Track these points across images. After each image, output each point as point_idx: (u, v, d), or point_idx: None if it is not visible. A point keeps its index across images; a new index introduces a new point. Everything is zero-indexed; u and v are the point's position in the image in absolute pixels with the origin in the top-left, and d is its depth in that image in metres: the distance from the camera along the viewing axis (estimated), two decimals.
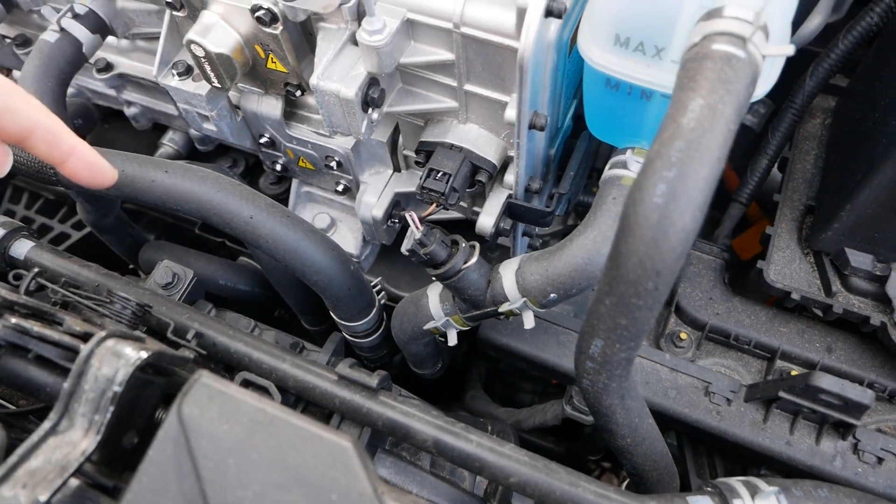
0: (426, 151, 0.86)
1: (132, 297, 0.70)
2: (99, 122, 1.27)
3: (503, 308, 0.80)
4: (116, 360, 0.54)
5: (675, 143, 0.53)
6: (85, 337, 0.58)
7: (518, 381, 1.33)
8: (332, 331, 1.11)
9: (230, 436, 0.52)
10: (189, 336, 0.71)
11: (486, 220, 0.87)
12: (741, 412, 0.86)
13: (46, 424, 0.53)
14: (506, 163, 0.87)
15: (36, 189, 1.41)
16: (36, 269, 0.71)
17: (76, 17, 0.93)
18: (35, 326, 0.57)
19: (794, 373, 0.91)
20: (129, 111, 1.16)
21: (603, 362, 0.65)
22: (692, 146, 0.53)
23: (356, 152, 0.95)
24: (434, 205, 0.84)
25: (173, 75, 0.92)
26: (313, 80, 0.77)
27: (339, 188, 1.02)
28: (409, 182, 0.99)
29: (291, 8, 0.78)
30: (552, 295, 0.77)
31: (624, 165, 0.79)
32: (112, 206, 1.05)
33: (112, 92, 1.12)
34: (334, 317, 0.94)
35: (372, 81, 0.78)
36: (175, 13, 0.84)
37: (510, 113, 0.76)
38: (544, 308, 0.79)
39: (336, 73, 0.77)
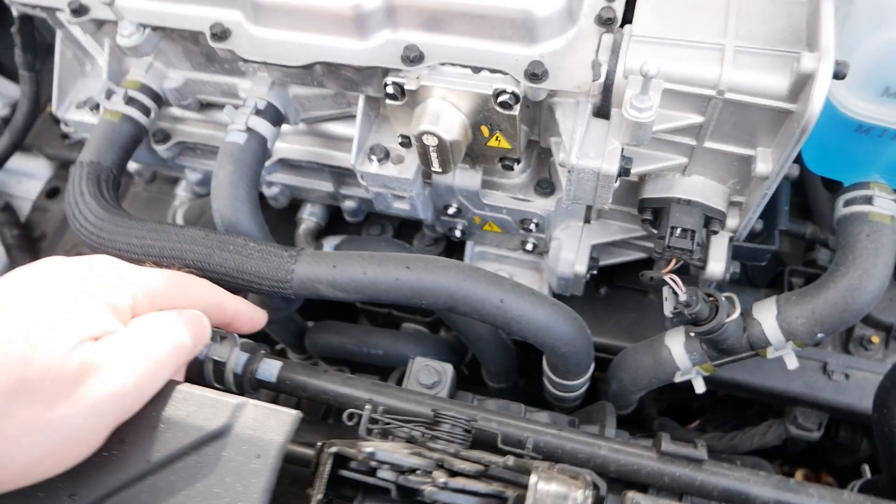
0: (653, 208, 0.87)
1: (457, 413, 0.69)
2: None
3: (769, 354, 0.82)
4: (561, 501, 0.54)
5: None
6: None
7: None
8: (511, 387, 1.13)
9: None
10: (528, 444, 0.71)
11: (717, 266, 0.88)
12: None
13: None
14: None
15: None
16: (368, 406, 0.68)
17: (258, 112, 0.89)
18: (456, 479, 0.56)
19: None
20: (270, 191, 1.12)
21: None
22: None
23: (555, 211, 0.95)
24: (674, 261, 0.85)
25: (371, 161, 0.90)
26: (572, 160, 0.77)
27: (528, 247, 1.02)
28: (601, 233, 1.00)
29: (536, 89, 0.77)
30: (819, 335, 0.80)
31: (867, 201, 0.82)
32: (295, 303, 1.03)
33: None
34: (555, 377, 0.94)
35: (622, 153, 0.79)
36: (392, 103, 0.82)
37: (763, 167, 0.78)
38: (805, 347, 0.82)
39: (591, 150, 0.77)
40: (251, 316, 0.81)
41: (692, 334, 0.85)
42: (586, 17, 0.80)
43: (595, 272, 1.01)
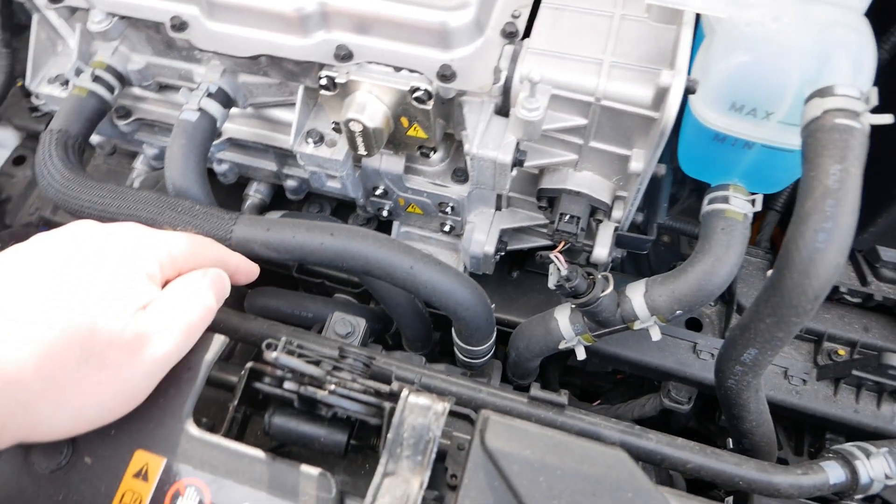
0: (548, 197, 1.01)
1: (358, 350, 0.82)
2: None
3: (636, 326, 0.96)
4: (426, 411, 0.67)
5: (827, 200, 0.71)
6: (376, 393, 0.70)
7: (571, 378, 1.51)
8: (430, 354, 1.25)
9: (534, 458, 0.66)
10: (415, 381, 0.84)
11: (602, 251, 1.02)
12: (815, 389, 1.07)
13: (380, 469, 0.66)
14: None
15: None
16: (285, 337, 0.81)
17: (210, 95, 1.01)
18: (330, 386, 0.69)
19: (841, 352, 1.12)
20: (220, 168, 1.24)
21: (752, 366, 0.83)
22: (840, 202, 0.71)
23: (469, 198, 1.09)
24: (563, 243, 0.99)
25: (308, 143, 1.03)
26: (473, 150, 0.90)
27: (446, 228, 1.15)
28: (509, 219, 1.13)
29: (446, 88, 0.91)
30: (678, 311, 0.94)
31: (725, 200, 0.96)
32: None
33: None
34: (461, 343, 1.08)
35: (517, 146, 0.92)
36: (325, 93, 0.95)
37: (636, 165, 0.92)
38: (668, 322, 0.97)
39: (490, 141, 0.91)
40: (248, 269, 0.89)
41: (573, 307, 0.99)
42: (493, 30, 0.94)
43: (503, 254, 1.14)
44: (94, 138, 1.29)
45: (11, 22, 1.12)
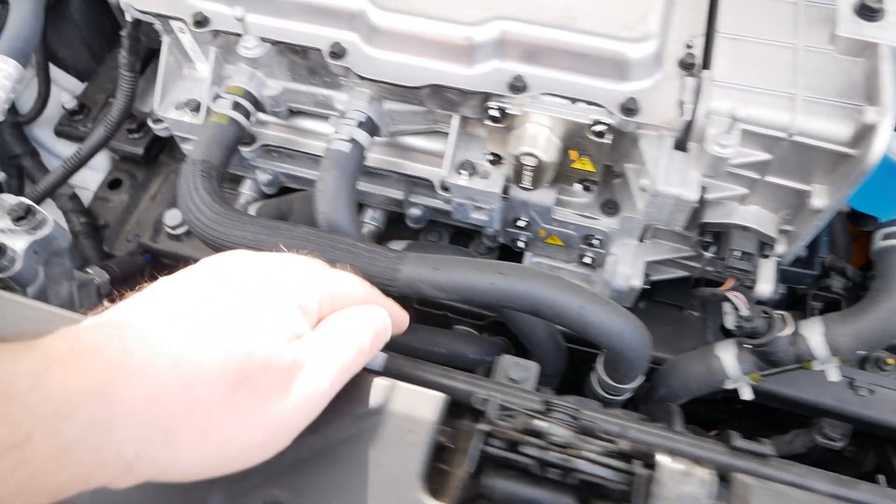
0: (712, 232, 0.98)
1: (565, 402, 0.78)
2: None
3: (815, 366, 0.93)
4: (686, 477, 0.63)
5: None
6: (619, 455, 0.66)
7: None
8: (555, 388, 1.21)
9: None
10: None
11: (766, 287, 0.98)
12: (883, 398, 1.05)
13: None
14: None
15: None
16: (497, 393, 0.77)
17: (360, 124, 0.97)
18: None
19: (889, 361, 1.08)
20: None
21: None
22: None
23: (618, 231, 1.05)
24: (730, 280, 0.96)
25: (462, 175, 0.99)
26: (657, 186, 0.87)
27: (586, 260, 1.11)
28: (653, 251, 1.09)
29: (628, 122, 0.87)
30: (860, 352, 0.91)
31: None
32: None
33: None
34: (607, 379, 1.04)
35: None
36: (493, 124, 0.91)
37: (819, 202, 0.89)
38: (848, 361, 0.93)
39: (673, 178, 0.87)
40: (401, 318, 0.80)
41: (746, 346, 0.95)
42: (669, 61, 0.90)
43: (648, 287, 1.11)
44: None
45: (138, 45, 1.07)
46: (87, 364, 0.47)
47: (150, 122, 1.15)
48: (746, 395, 0.99)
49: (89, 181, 1.43)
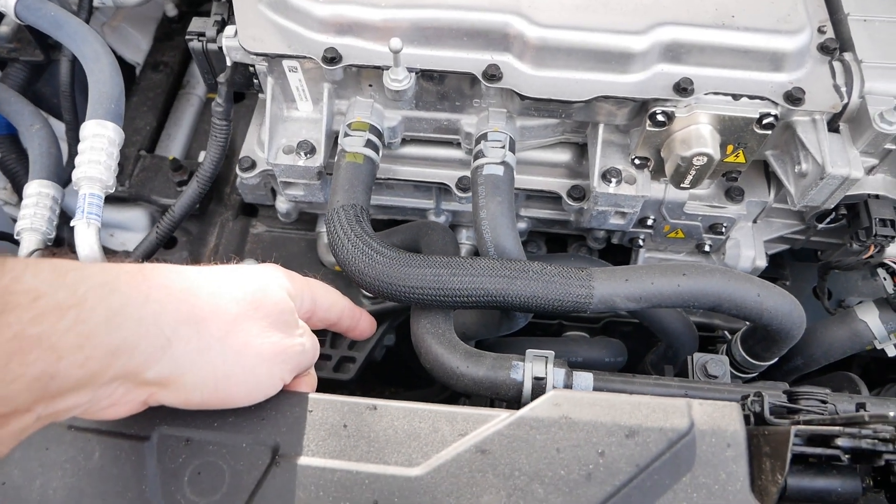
0: (846, 205, 1.02)
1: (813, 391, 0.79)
2: None
3: None
4: None
5: None
6: None
7: None
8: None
9: None
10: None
11: (894, 248, 1.05)
12: None
13: None
14: None
15: None
16: (768, 392, 0.77)
17: (505, 147, 0.95)
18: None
19: None
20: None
21: None
22: None
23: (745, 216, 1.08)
24: (872, 247, 1.01)
25: (609, 183, 0.98)
26: (828, 169, 0.90)
27: (706, 248, 1.14)
28: (767, 231, 1.14)
29: (792, 111, 0.90)
30: None
31: None
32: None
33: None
34: (749, 357, 1.07)
35: None
36: (654, 129, 0.91)
37: None
38: None
39: (838, 159, 0.91)
40: (370, 323, 0.88)
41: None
42: (812, 48, 0.93)
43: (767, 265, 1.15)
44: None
45: (232, 91, 0.98)
46: (122, 265, 0.57)
47: (238, 171, 1.06)
48: (892, 352, 1.05)
49: (130, 244, 1.30)
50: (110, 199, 1.27)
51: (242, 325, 0.62)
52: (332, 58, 0.89)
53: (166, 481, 0.67)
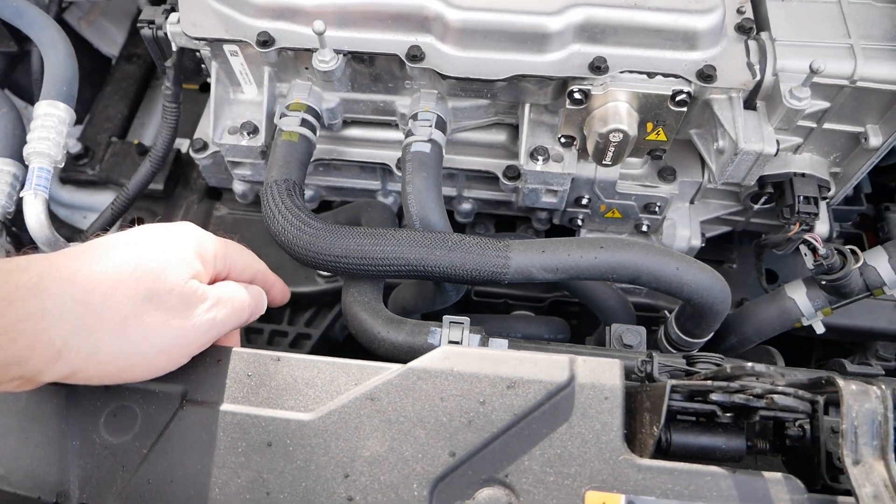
0: (772, 183, 1.05)
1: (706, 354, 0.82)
2: None
3: (887, 292, 1.01)
4: (864, 395, 0.69)
5: None
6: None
7: None
8: None
9: None
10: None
11: (823, 227, 1.07)
12: None
13: (847, 460, 0.67)
14: None
15: None
16: (657, 354, 0.80)
17: (435, 124, 0.99)
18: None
19: None
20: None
21: None
22: None
23: (677, 196, 1.11)
24: (798, 225, 1.03)
25: (537, 161, 1.02)
26: (741, 145, 0.92)
27: (643, 229, 1.17)
28: (704, 211, 1.16)
29: (706, 88, 0.93)
30: None
31: None
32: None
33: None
34: (682, 335, 1.09)
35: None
36: (574, 107, 0.94)
37: (875, 141, 0.97)
38: None
39: (752, 135, 0.93)
40: (283, 291, 0.91)
41: (822, 283, 1.03)
42: (728, 27, 0.96)
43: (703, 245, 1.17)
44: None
45: (181, 75, 1.03)
46: (21, 272, 0.60)
47: (191, 152, 1.11)
48: (819, 329, 1.07)
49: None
50: (82, 184, 1.34)
51: (138, 320, 0.66)
52: (264, 41, 0.94)
53: (84, 421, 0.73)
